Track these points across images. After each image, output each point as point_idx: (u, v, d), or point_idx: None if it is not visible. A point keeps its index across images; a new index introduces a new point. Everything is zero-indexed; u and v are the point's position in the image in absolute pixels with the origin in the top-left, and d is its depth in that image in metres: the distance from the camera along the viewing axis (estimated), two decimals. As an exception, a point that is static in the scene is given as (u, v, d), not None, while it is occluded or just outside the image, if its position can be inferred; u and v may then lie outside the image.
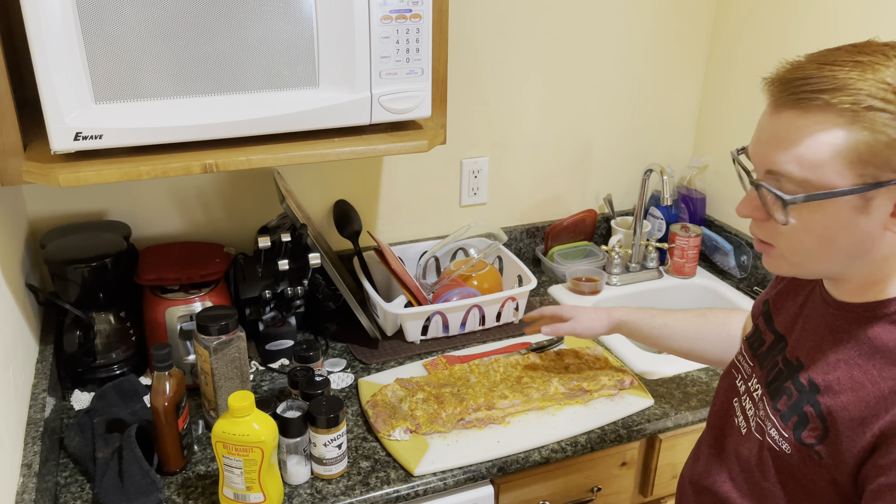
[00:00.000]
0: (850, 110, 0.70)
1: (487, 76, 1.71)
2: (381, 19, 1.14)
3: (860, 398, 0.77)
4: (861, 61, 0.71)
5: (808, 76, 0.72)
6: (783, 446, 0.84)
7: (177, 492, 1.14)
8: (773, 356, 0.92)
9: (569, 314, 1.35)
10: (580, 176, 1.93)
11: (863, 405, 0.76)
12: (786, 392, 0.86)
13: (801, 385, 0.84)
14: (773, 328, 0.95)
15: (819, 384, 0.82)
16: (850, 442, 0.77)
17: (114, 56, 1.03)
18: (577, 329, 1.32)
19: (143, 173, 1.08)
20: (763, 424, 0.88)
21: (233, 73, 1.10)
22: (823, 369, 0.82)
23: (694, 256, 1.84)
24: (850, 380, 0.79)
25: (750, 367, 0.97)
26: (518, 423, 1.30)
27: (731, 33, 1.84)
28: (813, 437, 0.81)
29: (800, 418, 0.83)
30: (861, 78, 0.70)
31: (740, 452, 0.92)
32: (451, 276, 1.61)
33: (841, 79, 0.70)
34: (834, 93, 0.70)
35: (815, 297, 0.89)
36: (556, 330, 1.33)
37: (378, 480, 1.17)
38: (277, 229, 1.48)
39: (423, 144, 1.22)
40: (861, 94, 0.69)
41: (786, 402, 0.85)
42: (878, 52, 0.72)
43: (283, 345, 1.48)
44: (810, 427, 0.81)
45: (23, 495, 0.98)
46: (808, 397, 0.83)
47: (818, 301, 0.88)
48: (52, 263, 1.31)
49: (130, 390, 1.31)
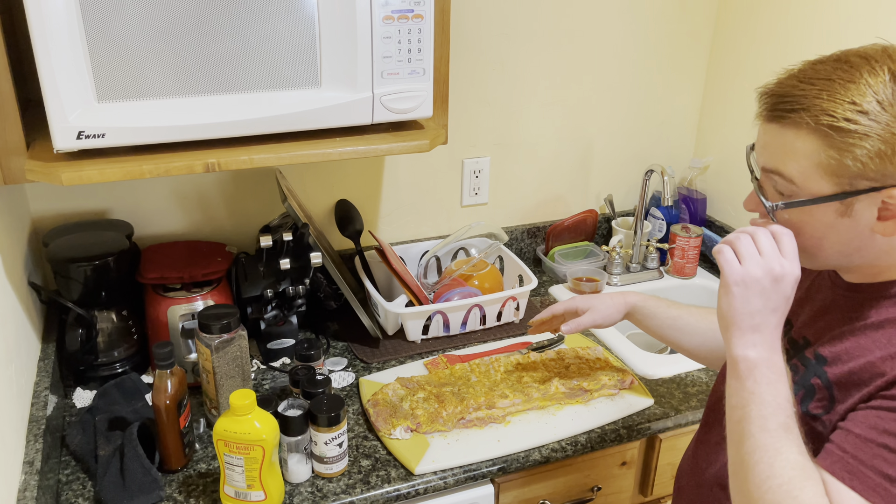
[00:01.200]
0: (819, 129, 0.76)
1: (489, 76, 1.72)
2: (383, 19, 1.15)
3: (867, 362, 0.80)
4: (833, 79, 0.76)
5: (785, 93, 0.79)
6: None
7: (178, 490, 1.15)
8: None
9: (584, 306, 1.30)
10: (581, 176, 1.93)
11: (869, 366, 0.80)
12: (793, 368, 0.90)
13: (808, 359, 0.88)
14: None
15: (826, 356, 0.86)
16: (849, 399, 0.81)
17: (117, 55, 1.03)
18: (598, 320, 1.28)
19: (145, 172, 1.09)
20: None
21: (235, 73, 1.10)
22: (829, 343, 0.86)
23: (694, 257, 1.84)
24: (857, 347, 0.82)
25: None
26: (518, 422, 1.30)
27: (733, 34, 1.84)
28: (820, 408, 0.84)
29: (807, 391, 0.86)
30: (830, 98, 0.75)
31: None
32: (452, 275, 1.61)
33: (810, 99, 0.76)
34: (804, 112, 0.76)
35: (823, 281, 0.93)
36: (577, 325, 1.28)
37: (379, 479, 1.18)
38: (279, 228, 1.48)
39: (425, 144, 1.23)
40: (826, 114, 0.75)
41: (792, 377, 0.88)
42: (861, 63, 0.76)
43: (285, 343, 1.48)
44: (817, 398, 0.85)
45: (24, 493, 0.99)
46: (815, 369, 0.86)
47: (827, 284, 0.92)
48: (55, 262, 1.31)
49: (132, 388, 1.31)
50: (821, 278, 0.95)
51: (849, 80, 0.75)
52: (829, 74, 0.77)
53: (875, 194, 0.77)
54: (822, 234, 0.81)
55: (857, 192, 0.77)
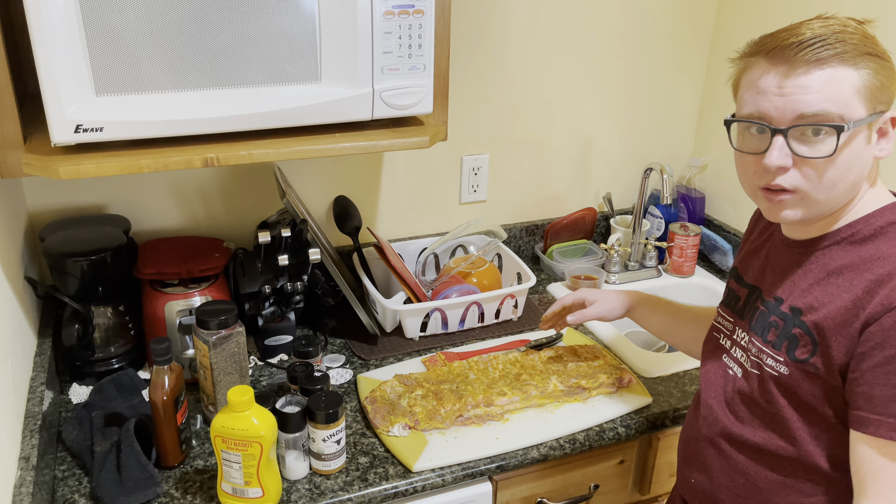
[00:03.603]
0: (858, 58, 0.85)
1: (488, 73, 1.71)
2: (384, 14, 1.14)
3: (839, 306, 0.90)
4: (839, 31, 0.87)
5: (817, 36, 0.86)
6: (781, 370, 0.96)
7: (175, 486, 1.14)
8: (752, 304, 1.05)
9: (592, 297, 1.34)
10: (580, 174, 1.93)
11: (843, 310, 0.90)
12: (772, 325, 0.99)
13: (784, 314, 0.97)
14: (744, 284, 1.09)
15: (800, 307, 0.95)
16: (838, 345, 0.89)
17: (115, 48, 1.02)
18: (602, 312, 1.33)
19: (143, 166, 1.08)
20: (759, 359, 1.00)
21: (234, 67, 1.09)
22: (800, 296, 0.96)
23: (693, 255, 1.84)
24: (826, 295, 0.92)
25: (731, 322, 1.09)
26: (517, 420, 1.30)
27: (733, 33, 1.84)
28: (806, 353, 0.93)
29: (790, 341, 0.95)
30: (854, 35, 0.86)
31: (743, 392, 1.02)
32: (450, 273, 1.61)
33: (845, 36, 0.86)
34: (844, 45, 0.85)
35: (776, 246, 1.04)
36: (582, 316, 1.32)
37: (376, 476, 1.17)
38: (277, 224, 1.48)
39: (425, 141, 1.22)
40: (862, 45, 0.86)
41: (774, 333, 0.98)
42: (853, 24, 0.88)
43: (283, 340, 1.48)
44: (801, 344, 0.94)
45: (20, 489, 0.98)
46: (793, 320, 0.95)
47: (780, 247, 1.03)
48: (52, 256, 1.31)
49: (129, 384, 1.31)
50: (774, 243, 1.04)
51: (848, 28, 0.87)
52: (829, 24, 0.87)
53: (880, 117, 0.88)
54: (851, 163, 0.88)
55: (878, 113, 0.87)
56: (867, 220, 0.92)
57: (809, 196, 0.90)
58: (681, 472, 1.16)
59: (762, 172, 0.91)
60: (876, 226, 0.92)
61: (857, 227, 0.93)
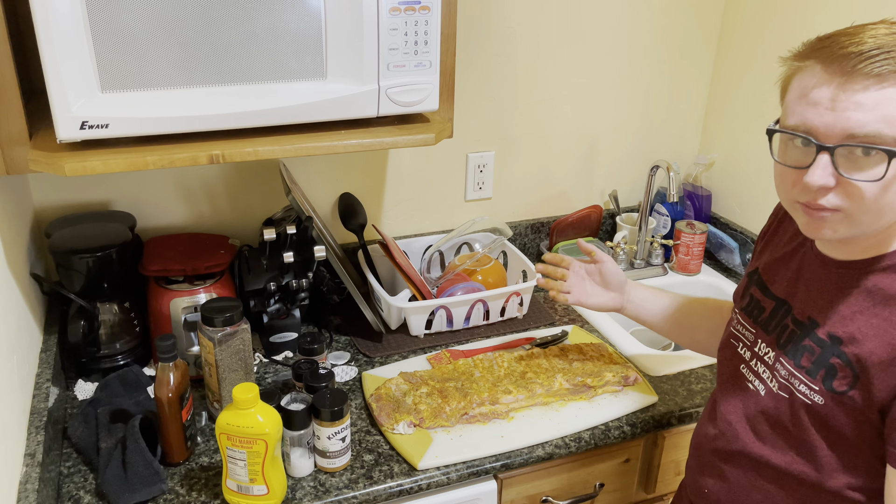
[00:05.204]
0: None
1: (494, 70, 1.71)
2: (390, 11, 1.13)
3: (885, 341, 0.84)
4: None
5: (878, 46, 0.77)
6: (815, 398, 0.90)
7: (180, 483, 1.14)
8: (780, 319, 0.99)
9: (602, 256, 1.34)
10: (586, 171, 1.92)
11: (889, 346, 0.84)
12: (806, 350, 0.93)
13: (822, 340, 0.91)
14: (771, 295, 1.02)
15: (841, 336, 0.89)
16: (881, 382, 0.84)
17: (121, 45, 1.02)
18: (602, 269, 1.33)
19: (149, 163, 1.08)
20: (788, 383, 0.94)
21: (240, 64, 1.09)
22: (841, 323, 0.89)
23: (699, 254, 1.83)
24: (871, 327, 0.86)
25: (752, 333, 1.03)
26: (522, 418, 1.29)
27: (740, 30, 1.83)
28: (844, 385, 0.87)
29: (827, 370, 0.89)
30: None
31: (767, 413, 0.98)
32: (455, 270, 1.60)
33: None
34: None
35: (811, 261, 0.96)
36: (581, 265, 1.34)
37: (381, 474, 1.17)
38: (283, 221, 1.47)
39: (431, 138, 1.22)
40: None
41: (809, 359, 0.92)
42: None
43: (287, 337, 1.48)
44: (840, 376, 0.88)
45: (26, 485, 0.98)
46: (833, 349, 0.89)
47: (816, 263, 0.95)
48: (57, 253, 1.31)
49: (134, 381, 1.31)
50: (807, 257, 0.97)
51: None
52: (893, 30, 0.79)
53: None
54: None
55: None
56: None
57: (853, 217, 0.83)
58: (692, 479, 1.12)
59: (802, 188, 0.84)
60: None
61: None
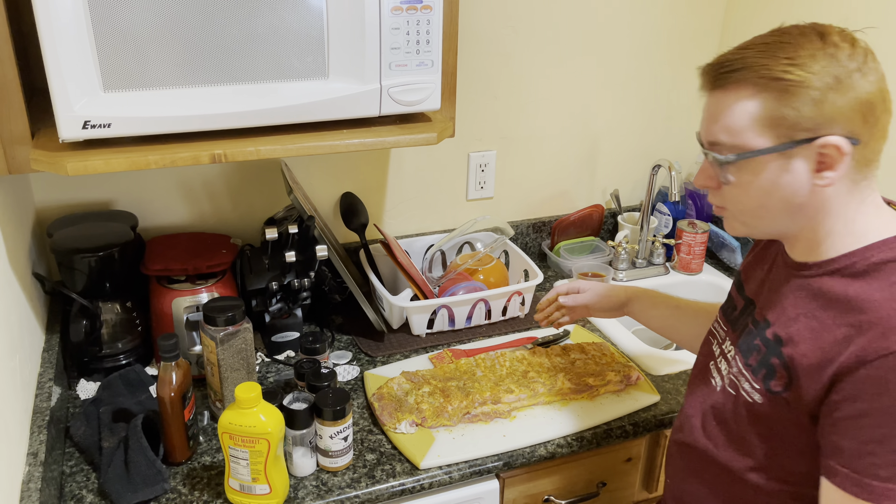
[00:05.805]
0: (758, 83, 0.83)
1: (496, 69, 1.71)
2: (392, 10, 1.13)
3: (818, 346, 0.86)
4: (769, 42, 0.84)
5: (724, 60, 0.87)
6: (755, 397, 0.94)
7: (182, 482, 1.14)
8: (745, 318, 1.02)
9: (586, 286, 1.36)
10: (587, 171, 1.92)
11: (820, 351, 0.86)
12: (755, 348, 0.96)
13: (768, 340, 0.94)
14: (743, 294, 1.06)
15: (782, 337, 0.91)
16: (809, 385, 0.86)
17: (123, 44, 1.02)
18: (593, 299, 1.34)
19: (151, 163, 1.08)
20: (736, 380, 0.98)
21: (242, 63, 1.09)
22: (786, 323, 0.92)
23: (701, 253, 1.83)
24: (809, 330, 0.88)
25: (724, 331, 1.07)
26: (524, 417, 1.29)
27: (742, 29, 1.82)
28: (780, 386, 0.90)
29: (768, 370, 0.92)
30: (766, 56, 0.83)
31: (715, 408, 1.01)
32: (457, 269, 1.60)
33: (749, 59, 0.84)
34: (744, 71, 0.84)
35: (778, 262, 0.99)
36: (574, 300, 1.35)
37: (383, 473, 1.17)
38: (284, 221, 1.47)
39: (433, 137, 1.22)
40: (765, 68, 0.82)
41: (756, 358, 0.95)
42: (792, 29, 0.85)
43: (289, 336, 1.48)
44: (777, 376, 0.91)
45: (28, 484, 0.98)
46: (774, 350, 0.92)
47: (780, 265, 0.98)
48: (59, 252, 1.31)
49: (136, 380, 1.31)
50: (777, 258, 1.00)
51: (783, 42, 0.83)
52: (765, 39, 0.85)
53: (809, 146, 0.83)
54: (766, 191, 0.87)
55: (794, 142, 0.83)
56: (864, 253, 0.86)
57: (737, 217, 0.93)
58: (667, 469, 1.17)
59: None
60: (872, 261, 0.85)
61: (855, 258, 0.87)
